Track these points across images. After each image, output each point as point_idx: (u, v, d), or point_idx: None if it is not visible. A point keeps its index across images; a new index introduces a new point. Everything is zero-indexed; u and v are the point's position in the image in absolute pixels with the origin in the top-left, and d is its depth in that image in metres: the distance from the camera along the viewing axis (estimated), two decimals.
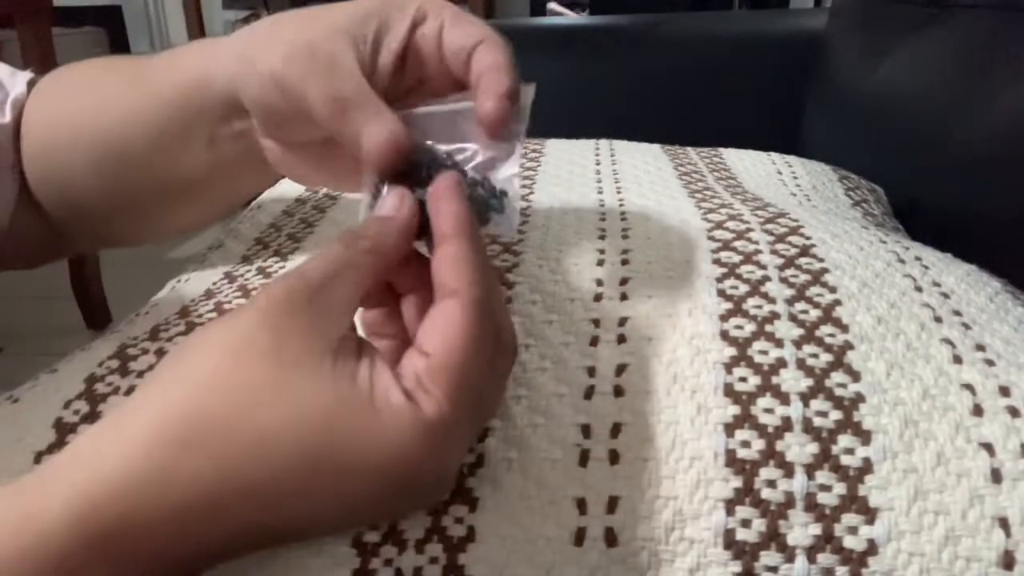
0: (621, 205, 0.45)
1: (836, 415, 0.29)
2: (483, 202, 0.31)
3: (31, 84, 0.45)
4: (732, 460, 0.29)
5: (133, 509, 0.23)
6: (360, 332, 0.29)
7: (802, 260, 0.37)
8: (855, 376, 0.31)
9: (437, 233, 0.28)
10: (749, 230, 0.40)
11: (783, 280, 0.36)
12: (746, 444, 0.29)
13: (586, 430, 0.30)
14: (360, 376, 0.25)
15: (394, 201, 0.30)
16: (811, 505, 0.28)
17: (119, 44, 3.04)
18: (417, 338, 0.27)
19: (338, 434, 0.24)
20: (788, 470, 0.28)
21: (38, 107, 0.44)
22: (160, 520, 0.23)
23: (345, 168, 0.35)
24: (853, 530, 0.27)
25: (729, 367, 0.31)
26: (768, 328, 0.33)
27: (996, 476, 0.28)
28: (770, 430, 0.29)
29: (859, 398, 0.30)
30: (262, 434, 0.24)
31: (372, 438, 0.24)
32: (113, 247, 0.50)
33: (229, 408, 0.24)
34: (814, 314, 0.33)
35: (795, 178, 0.59)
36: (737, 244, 0.39)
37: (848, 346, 0.32)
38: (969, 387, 0.30)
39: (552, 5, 2.28)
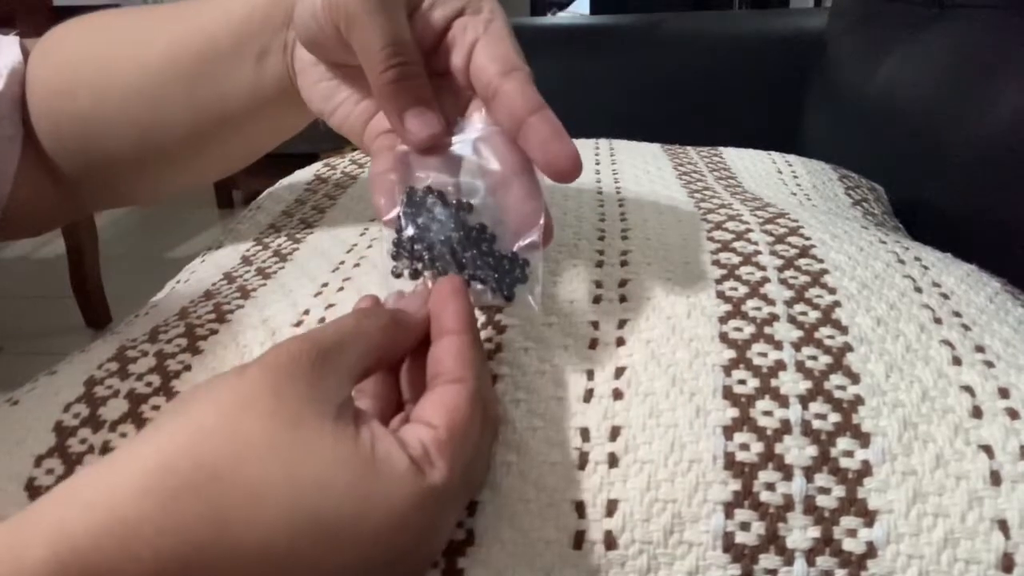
0: (620, 206, 0.45)
1: (835, 417, 0.29)
2: (507, 273, 0.32)
3: (23, 48, 0.44)
4: (731, 463, 0.29)
5: (119, 556, 0.22)
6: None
7: (801, 261, 0.37)
8: (854, 378, 0.31)
9: (439, 327, 0.29)
10: (749, 231, 0.40)
11: (782, 281, 0.36)
12: (745, 447, 0.29)
13: (585, 433, 0.30)
14: (361, 440, 0.25)
15: (417, 303, 0.31)
16: (810, 508, 0.28)
17: None
18: (418, 412, 0.27)
19: (335, 497, 0.24)
20: (787, 473, 0.28)
21: (47, 63, 0.43)
22: (146, 570, 0.22)
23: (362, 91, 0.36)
24: (852, 533, 0.27)
25: (728, 369, 0.31)
26: (767, 330, 0.33)
27: (995, 478, 0.28)
28: (769, 432, 0.29)
29: (858, 400, 0.30)
30: (256, 491, 0.23)
31: (371, 501, 0.24)
32: (130, 204, 0.49)
33: (224, 462, 0.23)
34: (813, 316, 0.33)
35: (795, 177, 0.59)
36: (736, 245, 0.39)
37: (847, 348, 0.32)
38: (968, 389, 0.30)
39: None
